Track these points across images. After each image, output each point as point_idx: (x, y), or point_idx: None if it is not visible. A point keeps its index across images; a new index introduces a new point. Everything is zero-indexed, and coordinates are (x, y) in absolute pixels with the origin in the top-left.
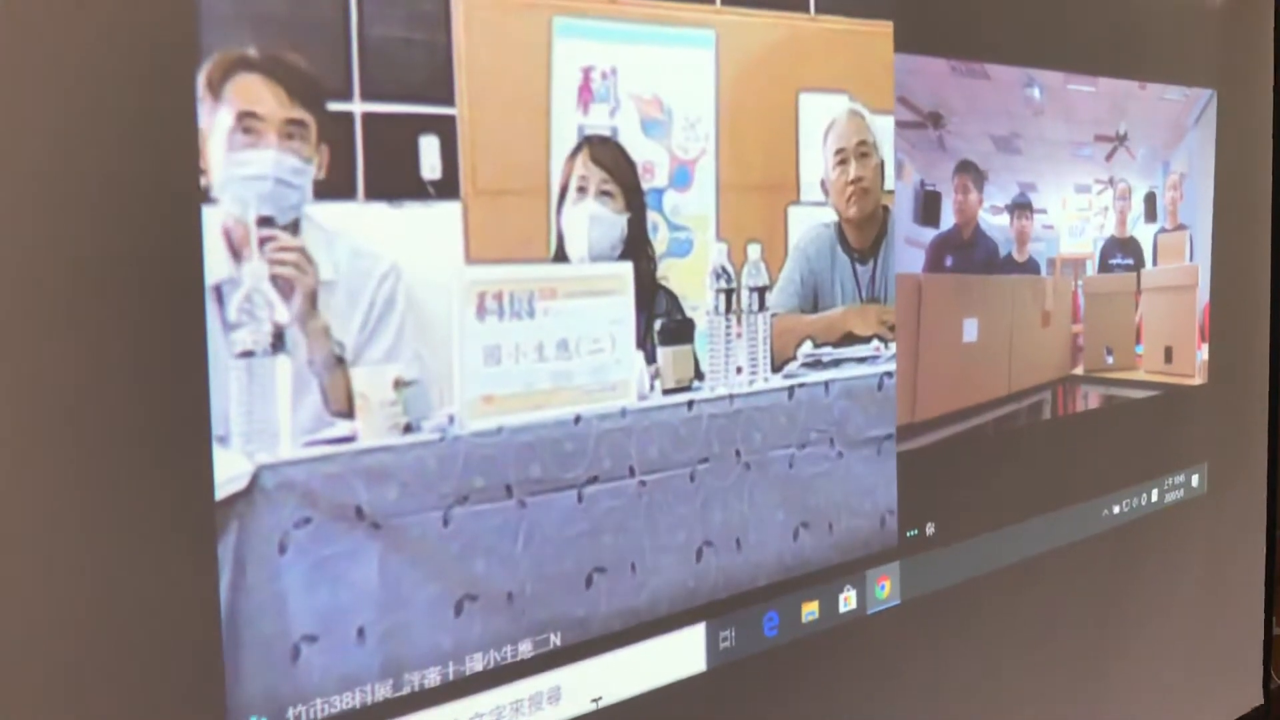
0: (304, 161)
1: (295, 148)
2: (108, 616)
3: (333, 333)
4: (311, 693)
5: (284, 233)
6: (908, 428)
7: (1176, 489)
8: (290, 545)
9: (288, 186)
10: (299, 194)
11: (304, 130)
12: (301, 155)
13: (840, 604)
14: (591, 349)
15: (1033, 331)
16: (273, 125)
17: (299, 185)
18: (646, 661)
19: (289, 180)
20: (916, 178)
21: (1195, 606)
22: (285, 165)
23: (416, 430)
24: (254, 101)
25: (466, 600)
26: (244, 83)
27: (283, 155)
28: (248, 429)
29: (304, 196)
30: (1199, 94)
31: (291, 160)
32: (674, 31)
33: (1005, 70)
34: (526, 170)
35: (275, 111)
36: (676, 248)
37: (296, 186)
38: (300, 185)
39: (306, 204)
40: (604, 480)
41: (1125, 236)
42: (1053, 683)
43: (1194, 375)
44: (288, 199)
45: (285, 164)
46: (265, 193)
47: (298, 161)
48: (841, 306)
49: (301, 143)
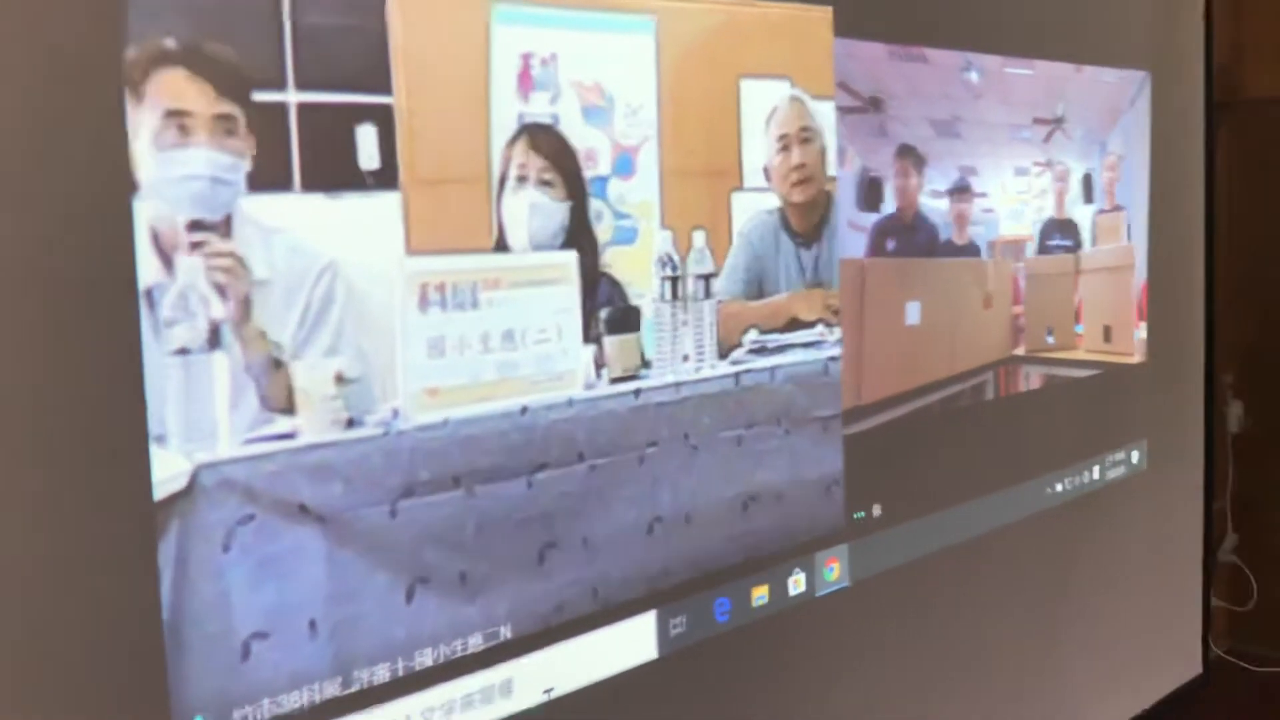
0: (237, 157)
1: (228, 144)
2: (46, 620)
3: (269, 335)
4: (261, 692)
5: (216, 236)
6: (853, 411)
7: (1118, 466)
8: (234, 543)
9: (222, 184)
10: (232, 190)
11: (234, 124)
12: (234, 151)
13: (790, 587)
14: (537, 339)
15: (974, 313)
16: (203, 122)
17: (233, 181)
18: (598, 651)
19: (223, 178)
20: (858, 163)
21: (1137, 581)
22: (219, 163)
23: (359, 425)
24: (181, 98)
25: (418, 584)
26: (169, 78)
27: (215, 153)
28: (186, 428)
29: (238, 191)
30: (1134, 76)
31: (224, 157)
32: (614, 18)
33: (944, 54)
34: (466, 159)
35: (204, 108)
36: (621, 236)
37: (230, 183)
38: (234, 181)
39: (240, 198)
40: (553, 467)
41: (1064, 218)
42: (999, 659)
43: (1132, 354)
44: (220, 196)
45: (219, 161)
46: (198, 192)
47: (230, 157)
48: (786, 292)
49: (233, 138)
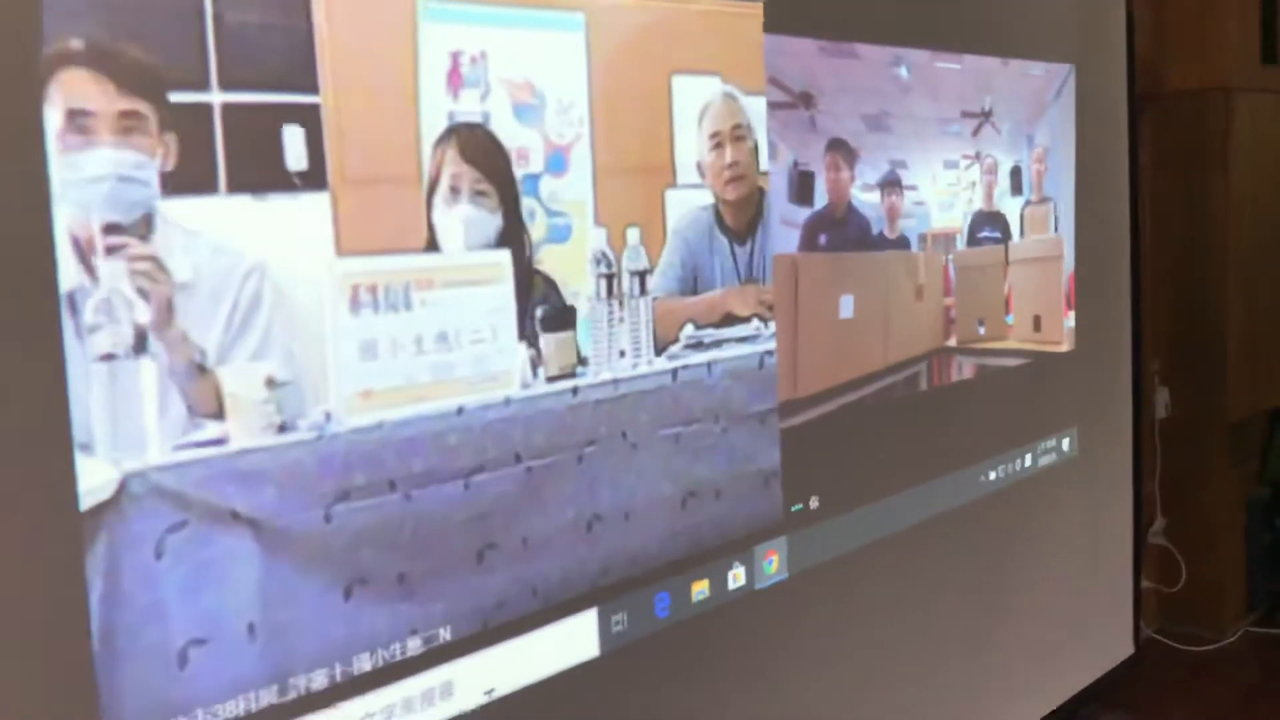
0: (146, 155)
1: (134, 142)
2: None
3: (192, 338)
4: (197, 701)
5: (134, 239)
6: (789, 404)
7: (1049, 453)
8: (166, 550)
9: (131, 183)
10: (144, 189)
11: (143, 122)
12: (142, 149)
13: (730, 581)
14: (472, 339)
15: (907, 305)
16: (105, 121)
17: (143, 179)
18: (540, 650)
19: (131, 176)
20: (790, 158)
21: (1069, 564)
22: (125, 161)
23: (292, 429)
24: (82, 98)
25: (356, 585)
26: (69, 79)
27: (120, 152)
28: (113, 435)
29: (151, 191)
30: (1059, 69)
31: (131, 155)
32: (543, 15)
33: (873, 49)
34: (396, 158)
35: (105, 106)
36: (555, 234)
37: (141, 181)
38: (145, 179)
39: (157, 199)
40: (490, 469)
41: (993, 210)
42: (937, 646)
43: (1062, 342)
44: (131, 195)
45: (125, 160)
46: (107, 193)
47: (138, 156)
48: (721, 288)
49: (141, 136)
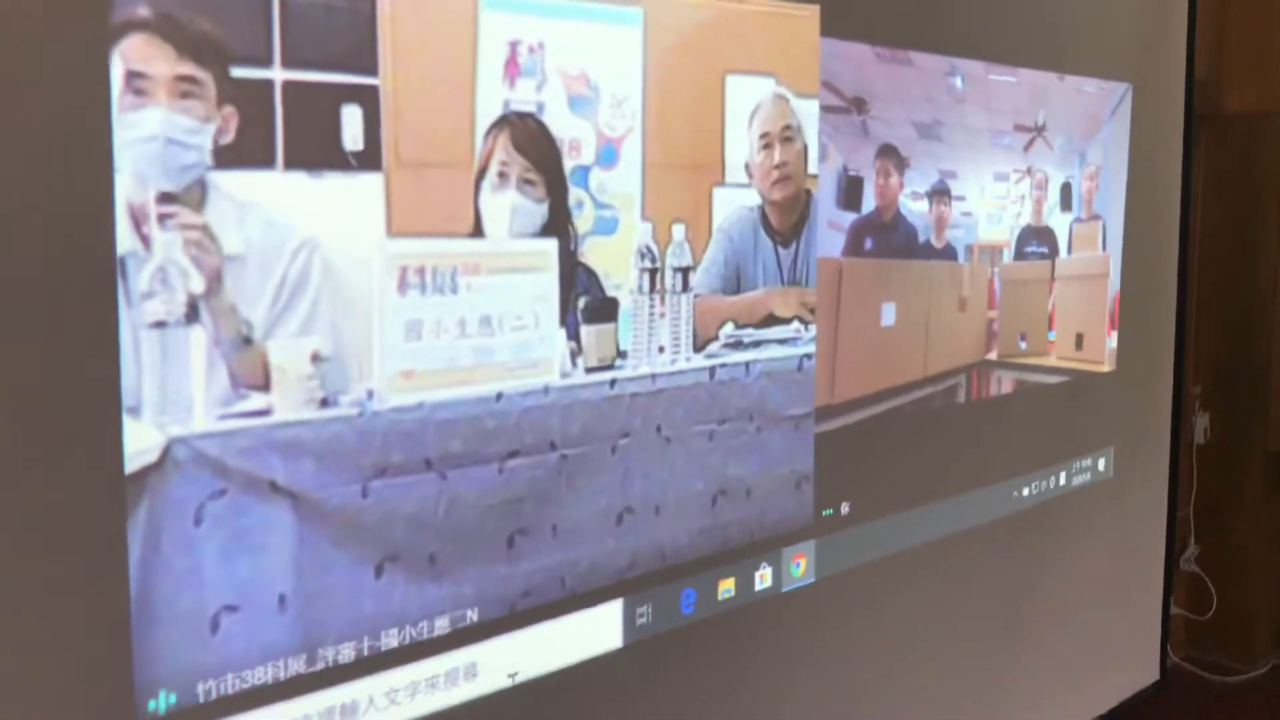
0: (200, 121)
1: (189, 107)
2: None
3: (239, 311)
4: (226, 666)
5: (186, 208)
6: (826, 409)
7: (1084, 473)
8: (205, 517)
9: (180, 146)
10: (195, 154)
11: (200, 88)
12: (196, 115)
13: (756, 581)
14: (515, 325)
15: (949, 316)
16: (161, 83)
17: (194, 145)
18: (564, 637)
19: (181, 140)
20: (839, 162)
21: (1099, 586)
22: (176, 124)
23: (334, 404)
24: (140, 60)
25: (387, 562)
26: (132, 43)
27: (172, 114)
28: (160, 400)
29: (202, 157)
30: (1115, 87)
31: (183, 119)
32: (602, 8)
33: (928, 58)
34: (450, 143)
35: (162, 69)
36: (601, 226)
37: (192, 146)
38: (196, 145)
39: (209, 170)
40: (525, 455)
41: (1041, 225)
42: (961, 660)
43: (1103, 362)
44: (181, 160)
45: (176, 123)
46: (156, 155)
47: (191, 121)
48: (763, 288)
49: (196, 101)
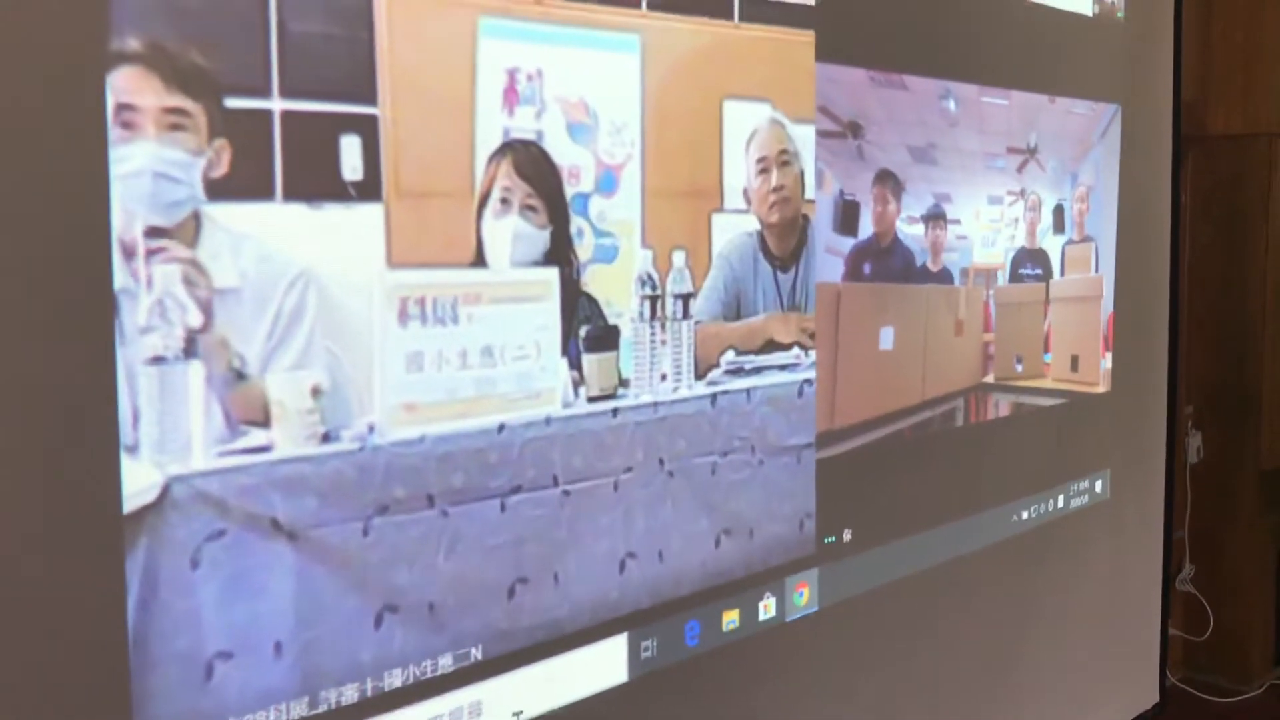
0: (189, 154)
1: (177, 139)
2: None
3: (231, 344)
4: (224, 712)
5: (176, 242)
6: (826, 435)
7: (1081, 495)
8: (203, 559)
9: (170, 181)
10: (185, 188)
11: (189, 120)
12: (186, 147)
13: (760, 612)
14: (516, 355)
15: (946, 340)
16: (149, 116)
17: (184, 180)
18: (568, 673)
19: (170, 174)
20: (836, 187)
21: (1096, 609)
22: (165, 158)
23: (335, 439)
24: (129, 93)
25: (387, 612)
26: (122, 75)
27: (162, 147)
28: (159, 438)
29: (192, 191)
30: (1104, 108)
31: (173, 152)
32: (600, 35)
33: (922, 81)
34: (450, 172)
35: (151, 101)
36: (602, 254)
37: (181, 181)
38: (186, 180)
39: (204, 204)
40: (527, 490)
41: (1035, 247)
42: (961, 684)
43: (1098, 383)
44: (170, 195)
45: (165, 156)
46: (145, 190)
47: (181, 154)
48: (763, 314)
49: (186, 133)
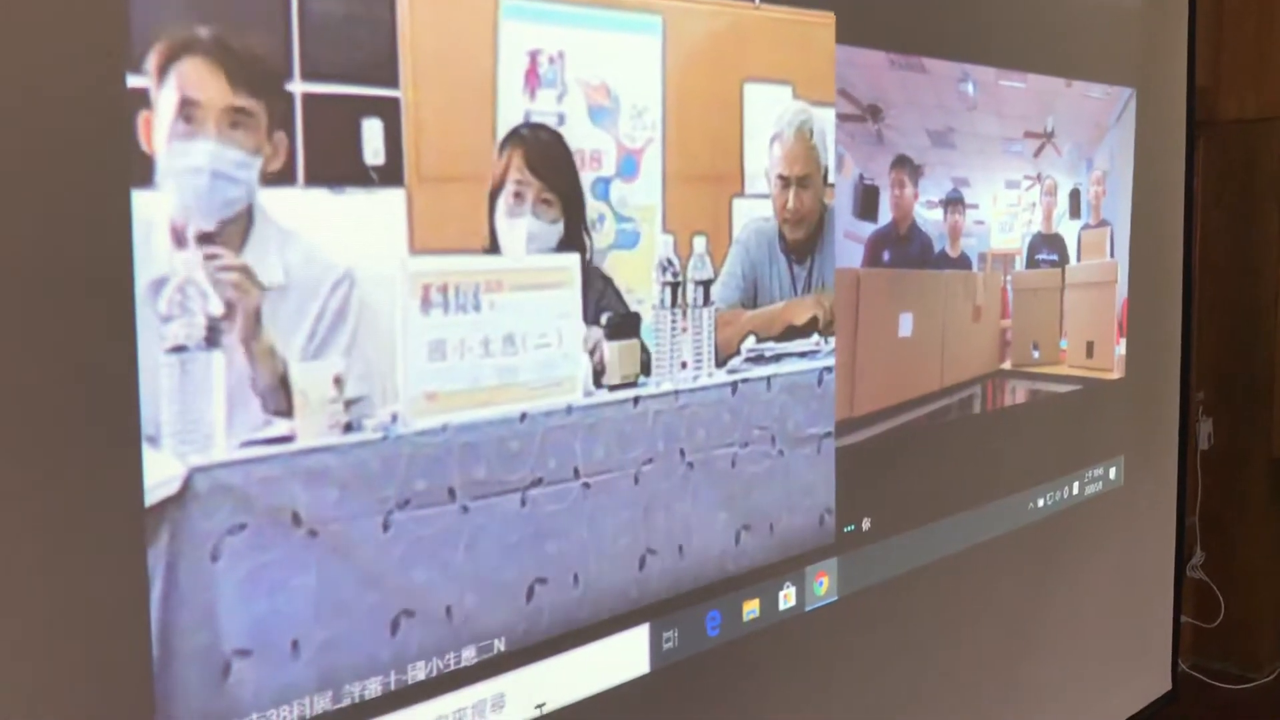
0: (249, 154)
1: (238, 138)
2: (28, 632)
3: (276, 343)
4: (244, 708)
5: (225, 249)
6: (845, 422)
7: (1095, 481)
8: (223, 553)
9: (228, 180)
10: (242, 188)
11: (250, 119)
12: (246, 147)
13: (780, 602)
14: (538, 343)
15: (964, 326)
16: (212, 114)
17: (241, 179)
18: (591, 665)
19: (229, 174)
20: (856, 172)
21: (1110, 596)
22: (225, 158)
23: (358, 429)
24: (196, 88)
25: (403, 617)
26: (188, 67)
27: (223, 147)
28: (180, 429)
29: (249, 191)
30: (1120, 92)
31: (233, 153)
32: (622, 16)
33: (941, 64)
34: (471, 156)
35: (215, 99)
36: (624, 239)
37: (239, 181)
38: (244, 179)
39: (254, 197)
40: (548, 483)
41: (1051, 232)
42: (977, 672)
43: (1113, 369)
44: (225, 193)
45: (225, 156)
46: (201, 188)
47: (241, 154)
48: (782, 300)
49: (246, 133)
